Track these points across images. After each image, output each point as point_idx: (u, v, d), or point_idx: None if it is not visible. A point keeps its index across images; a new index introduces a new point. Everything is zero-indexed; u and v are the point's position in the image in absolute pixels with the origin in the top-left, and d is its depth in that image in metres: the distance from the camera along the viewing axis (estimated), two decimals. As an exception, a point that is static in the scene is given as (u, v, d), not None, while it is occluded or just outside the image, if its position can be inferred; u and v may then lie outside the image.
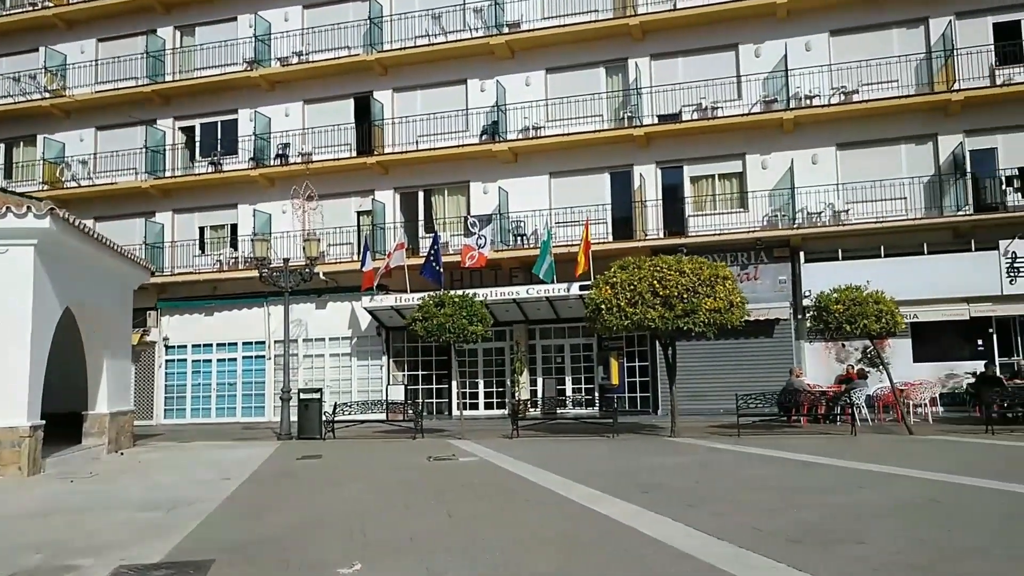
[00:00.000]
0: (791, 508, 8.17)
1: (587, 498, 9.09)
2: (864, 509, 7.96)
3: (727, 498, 8.94)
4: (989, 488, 8.93)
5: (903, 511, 7.90)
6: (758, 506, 8.36)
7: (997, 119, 21.54)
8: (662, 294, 16.04)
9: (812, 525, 7.30)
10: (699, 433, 17.26)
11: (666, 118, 23.74)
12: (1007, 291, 20.74)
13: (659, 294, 16.08)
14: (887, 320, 15.92)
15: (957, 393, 20.93)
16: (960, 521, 7.34)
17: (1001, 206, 21.23)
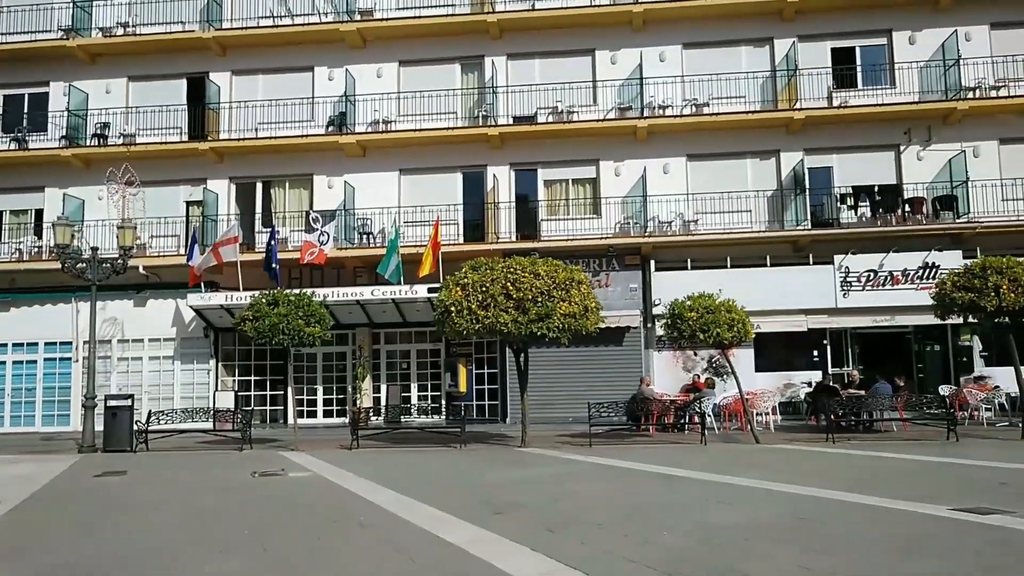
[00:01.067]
0: (661, 531, 7.20)
1: (432, 522, 7.78)
2: (738, 532, 7.09)
3: (590, 519, 7.87)
4: (853, 503, 8.35)
5: (779, 532, 7.10)
6: (626, 529, 7.33)
7: (833, 139, 22.11)
8: (516, 297, 14.99)
9: (689, 553, 6.32)
10: (550, 443, 16.33)
11: (521, 119, 22.88)
12: (841, 304, 21.23)
13: (512, 297, 15.02)
14: (739, 329, 15.61)
15: (794, 402, 21.20)
16: (843, 543, 6.58)
17: (836, 223, 21.76)
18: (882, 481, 10.16)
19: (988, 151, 21.70)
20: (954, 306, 15.45)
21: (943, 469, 11.31)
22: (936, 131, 21.78)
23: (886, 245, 21.17)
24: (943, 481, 10.07)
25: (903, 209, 21.45)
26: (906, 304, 20.83)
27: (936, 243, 21.08)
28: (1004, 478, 10.05)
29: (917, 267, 21.07)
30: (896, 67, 22.16)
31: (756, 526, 7.36)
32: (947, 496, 8.59)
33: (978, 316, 15.37)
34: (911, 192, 21.65)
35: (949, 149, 21.70)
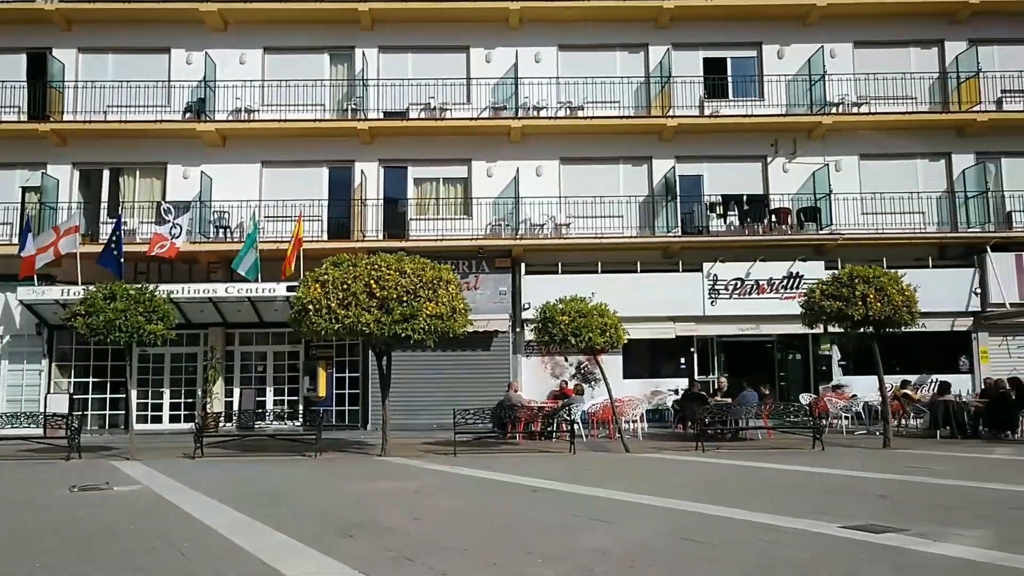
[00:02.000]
0: (538, 559, 6.07)
1: (270, 550, 6.36)
2: (622, 557, 6.05)
3: (454, 543, 6.66)
4: (740, 520, 7.53)
5: (667, 557, 6.11)
6: (495, 556, 6.17)
7: (704, 148, 21.93)
8: (379, 296, 13.65)
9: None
10: (412, 452, 15.04)
11: (392, 115, 21.53)
12: (709, 312, 20.99)
13: (376, 296, 13.67)
14: (611, 334, 14.86)
15: (661, 410, 20.77)
16: (743, 569, 5.67)
17: (706, 231, 21.56)
18: (762, 494, 9.47)
19: (849, 166, 22.07)
20: (822, 314, 15.24)
21: (818, 480, 10.80)
22: (801, 144, 21.98)
23: (753, 254, 21.11)
24: (822, 493, 9.47)
25: (769, 219, 21.48)
26: (771, 313, 20.81)
27: (800, 253, 21.20)
28: (880, 489, 9.55)
29: (782, 276, 21.11)
30: (765, 80, 22.26)
31: (640, 549, 6.34)
32: (832, 510, 7.92)
33: (845, 325, 15.22)
34: (777, 202, 21.73)
35: (813, 162, 21.94)
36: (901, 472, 11.24)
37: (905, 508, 8.16)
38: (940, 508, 8.15)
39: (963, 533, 6.71)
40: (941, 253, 21.87)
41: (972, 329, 21.66)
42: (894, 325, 15.06)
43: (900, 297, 14.87)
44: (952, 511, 7.93)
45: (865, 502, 8.61)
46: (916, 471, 11.36)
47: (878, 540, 6.48)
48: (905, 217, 21.80)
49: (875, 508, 8.12)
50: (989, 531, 6.83)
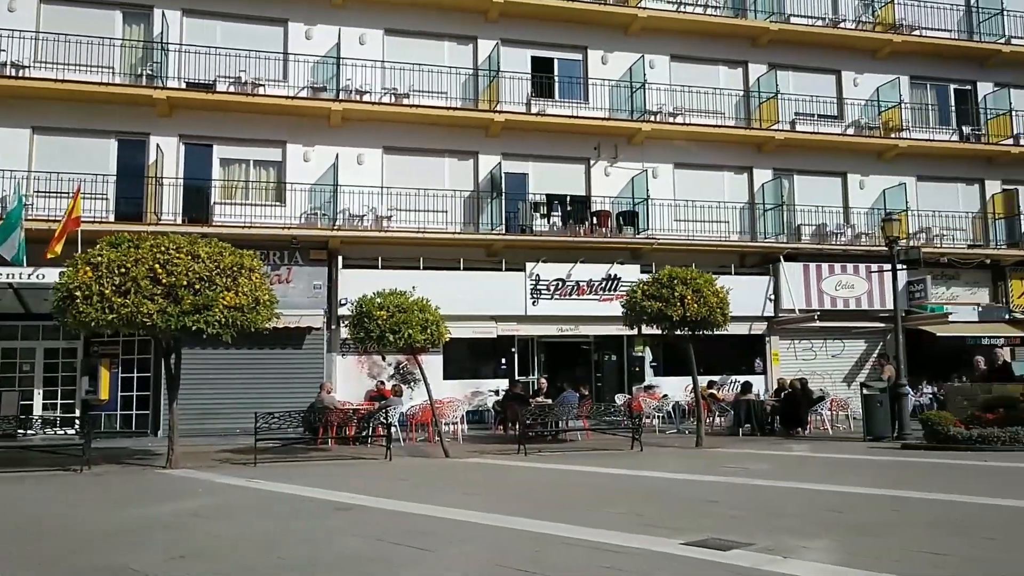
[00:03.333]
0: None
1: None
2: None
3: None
4: (579, 540, 6.53)
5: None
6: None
7: (530, 147, 21.24)
8: (166, 282, 11.55)
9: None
10: (205, 461, 13.01)
11: (197, 86, 19.09)
12: (531, 312, 20.30)
13: (162, 282, 11.57)
14: (433, 331, 13.62)
15: (481, 411, 19.84)
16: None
17: (529, 230, 20.87)
18: (592, 503, 8.57)
19: (665, 173, 22.23)
20: (644, 314, 14.85)
21: (647, 485, 10.13)
22: (622, 149, 21.87)
23: (574, 255, 20.69)
24: (654, 501, 8.74)
25: (591, 221, 21.16)
26: (590, 314, 20.48)
27: (619, 256, 21.05)
28: (709, 494, 8.99)
29: (601, 278, 20.84)
30: (590, 83, 21.95)
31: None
32: (668, 522, 7.13)
33: (664, 325, 14.92)
34: (598, 205, 21.46)
35: (633, 168, 21.88)
36: (721, 473, 10.85)
37: (739, 516, 7.54)
38: (773, 515, 7.61)
39: (808, 545, 6.09)
40: (742, 261, 22.54)
41: (766, 333, 22.49)
42: (709, 326, 14.95)
43: (715, 299, 14.78)
44: (785, 518, 7.39)
45: (698, 510, 7.93)
46: (734, 471, 11.03)
47: (727, 560, 5.69)
48: (712, 225, 22.27)
49: (710, 517, 7.44)
50: (832, 541, 6.28)
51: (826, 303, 22.26)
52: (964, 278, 23.85)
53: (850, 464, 12.20)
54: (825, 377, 22.29)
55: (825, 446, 14.95)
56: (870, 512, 7.71)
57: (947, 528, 6.79)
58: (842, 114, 23.89)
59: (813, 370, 22.15)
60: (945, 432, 13.76)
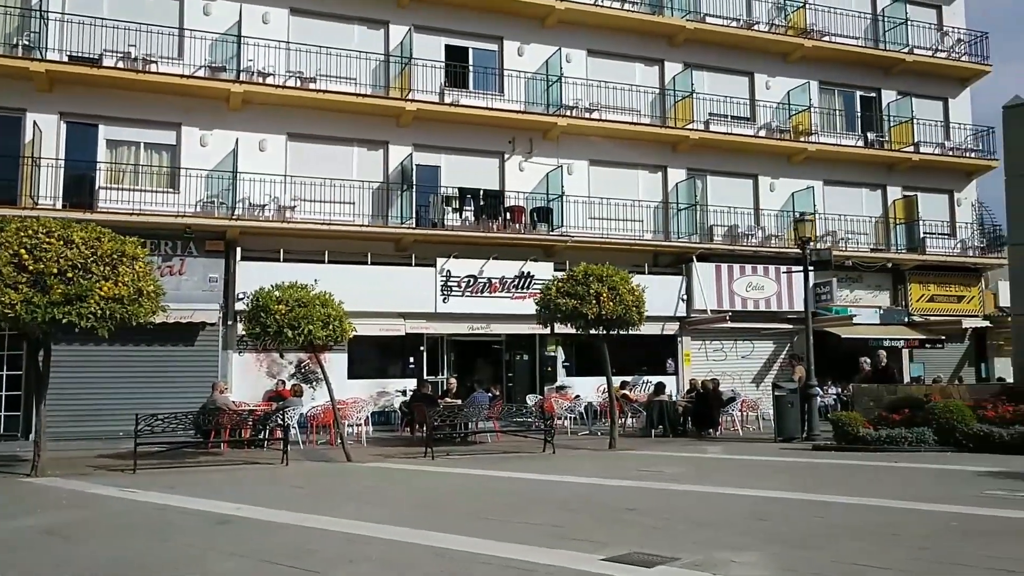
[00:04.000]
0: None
1: None
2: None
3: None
4: (491, 557, 5.92)
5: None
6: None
7: (443, 138, 20.55)
8: (33, 269, 10.34)
9: None
10: (79, 468, 11.78)
11: (80, 60, 17.56)
12: (441, 309, 19.60)
13: (29, 269, 10.34)
14: (335, 327, 12.76)
15: (388, 412, 19.03)
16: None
17: (441, 224, 20.15)
18: (504, 512, 7.97)
19: (580, 170, 21.92)
20: (558, 312, 14.38)
21: (561, 491, 9.60)
22: (537, 144, 21.41)
23: (487, 252, 20.10)
24: (570, 509, 8.20)
25: (504, 217, 20.62)
26: (502, 312, 19.95)
27: (532, 253, 20.58)
28: (626, 500, 8.52)
29: (514, 276, 20.33)
30: (505, 75, 21.41)
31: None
32: (586, 533, 6.59)
33: (578, 323, 14.50)
34: (512, 200, 20.94)
35: (548, 163, 21.48)
36: (637, 478, 10.45)
37: (661, 526, 7.09)
38: (696, 524, 7.20)
39: (738, 559, 5.66)
40: (655, 260, 22.46)
41: (678, 333, 22.47)
42: (624, 325, 14.62)
43: (631, 297, 14.46)
44: (709, 527, 6.98)
45: (618, 519, 7.44)
46: (650, 475, 10.66)
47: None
48: (626, 224, 22.09)
49: (631, 527, 6.96)
50: (762, 554, 5.86)
51: (737, 304, 22.42)
52: (867, 281, 24.48)
53: (765, 466, 12.03)
54: (735, 378, 22.43)
55: (738, 447, 14.84)
56: (794, 519, 7.39)
57: (876, 537, 6.50)
58: (754, 116, 24.14)
59: (723, 371, 22.26)
60: (855, 433, 13.83)
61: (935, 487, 9.36)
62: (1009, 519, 7.24)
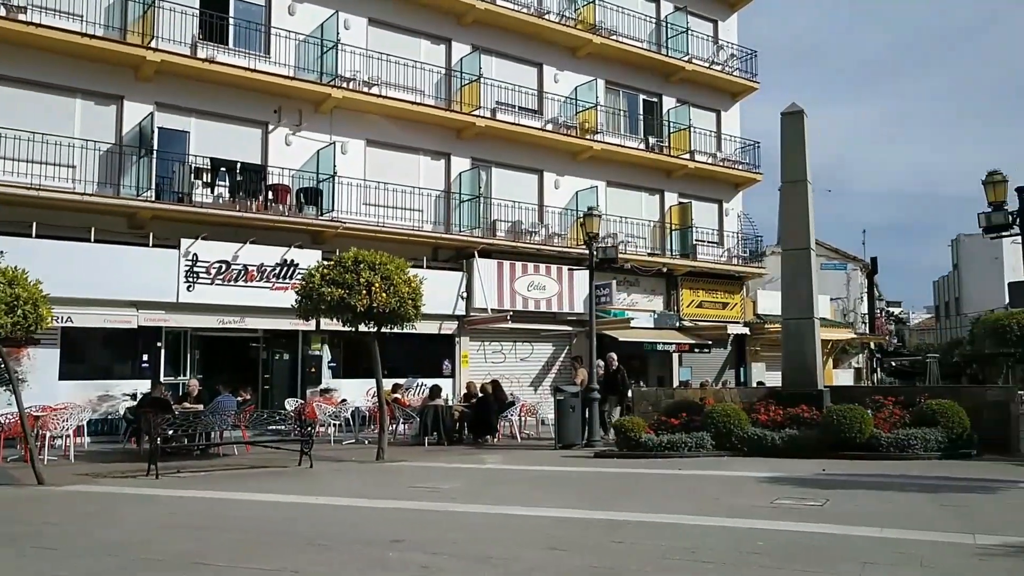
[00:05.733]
0: None
1: None
2: None
3: None
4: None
5: None
6: None
7: (194, 99, 17.99)
8: None
9: None
10: None
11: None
12: (184, 299, 17.05)
13: None
14: (26, 313, 10.18)
15: (112, 419, 16.24)
16: None
17: (187, 199, 17.59)
18: (232, 553, 6.25)
19: (356, 149, 20.24)
20: (321, 303, 12.69)
21: (312, 518, 8.02)
22: (308, 117, 19.44)
23: (244, 234, 17.83)
24: (320, 545, 6.66)
25: (266, 196, 18.47)
26: (259, 305, 17.76)
27: (297, 239, 18.59)
28: (393, 529, 7.14)
29: (275, 263, 18.21)
30: (272, 33, 19.22)
31: None
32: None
33: (345, 317, 12.91)
34: (276, 178, 18.82)
35: (319, 139, 19.59)
36: (408, 496, 9.15)
37: (434, 566, 5.81)
38: (476, 560, 6.02)
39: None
40: (435, 254, 21.35)
41: (457, 333, 21.54)
42: (399, 320, 13.27)
43: (407, 288, 13.13)
44: (492, 566, 5.80)
45: (378, 558, 6.04)
46: (423, 492, 9.40)
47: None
48: (405, 213, 20.78)
49: (394, 571, 5.61)
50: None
51: (518, 303, 21.87)
52: (643, 285, 25.04)
53: (550, 479, 11.19)
54: (514, 381, 21.85)
55: (518, 456, 14.03)
56: (592, 547, 6.41)
57: (686, 567, 5.65)
58: (542, 109, 23.82)
59: (502, 373, 21.58)
60: (637, 439, 13.51)
61: (728, 497, 8.93)
62: (811, 534, 6.77)
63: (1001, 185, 13.55)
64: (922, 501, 8.39)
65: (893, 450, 12.25)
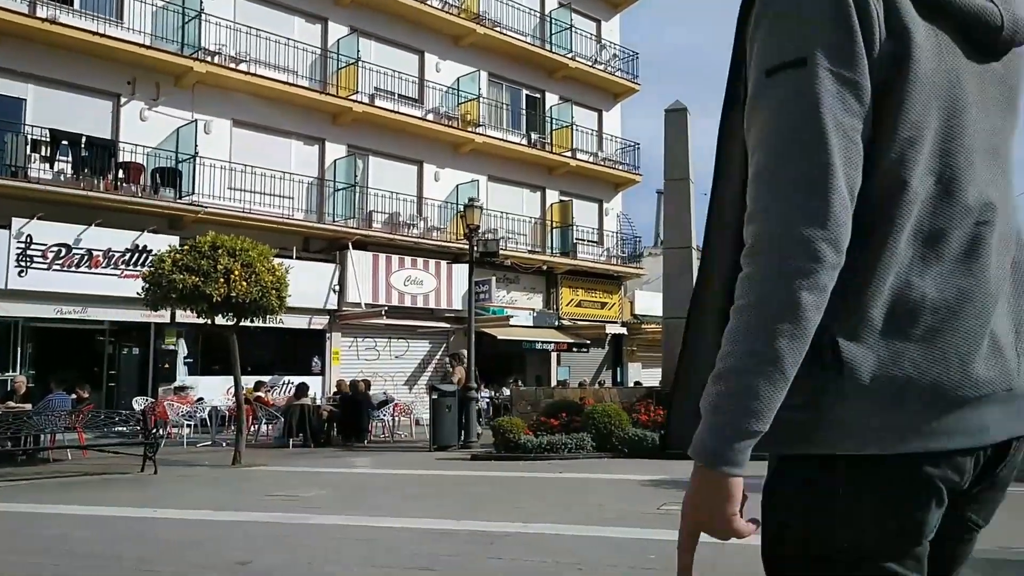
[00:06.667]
0: None
1: None
2: None
3: None
4: None
5: None
6: None
7: (32, 63, 16.11)
8: None
9: None
10: None
11: None
12: (15, 285, 15.19)
13: None
14: None
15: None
16: None
17: (22, 174, 15.67)
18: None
19: (220, 129, 18.75)
20: (172, 292, 11.38)
21: (145, 536, 6.90)
22: (167, 91, 17.86)
23: (89, 216, 16.11)
24: (147, 568, 5.63)
25: (116, 174, 16.77)
26: (106, 293, 16.12)
27: (152, 223, 16.99)
28: (240, 548, 6.15)
29: (125, 249, 16.58)
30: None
31: None
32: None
33: (200, 307, 11.66)
34: (129, 155, 17.14)
35: (179, 116, 18.03)
36: (263, 507, 8.14)
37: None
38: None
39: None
40: (306, 244, 20.14)
41: (328, 328, 20.41)
42: (261, 311, 12.12)
43: (270, 278, 12.02)
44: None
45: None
46: (282, 502, 8.41)
47: None
48: (275, 200, 19.46)
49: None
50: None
51: (394, 298, 20.95)
52: (523, 283, 24.61)
53: (424, 483, 10.39)
54: (387, 379, 20.92)
55: (390, 459, 13.15)
56: (469, 567, 5.68)
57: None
58: (423, 98, 22.96)
59: (375, 371, 20.65)
60: (516, 440, 12.92)
61: (613, 503, 8.42)
62: (701, 545, 6.28)
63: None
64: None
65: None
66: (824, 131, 1.04)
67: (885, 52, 1.07)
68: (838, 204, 1.04)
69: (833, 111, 1.05)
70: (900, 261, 1.10)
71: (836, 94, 1.05)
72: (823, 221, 1.03)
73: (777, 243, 1.05)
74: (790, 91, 1.06)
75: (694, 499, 1.15)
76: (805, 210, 1.04)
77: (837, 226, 1.04)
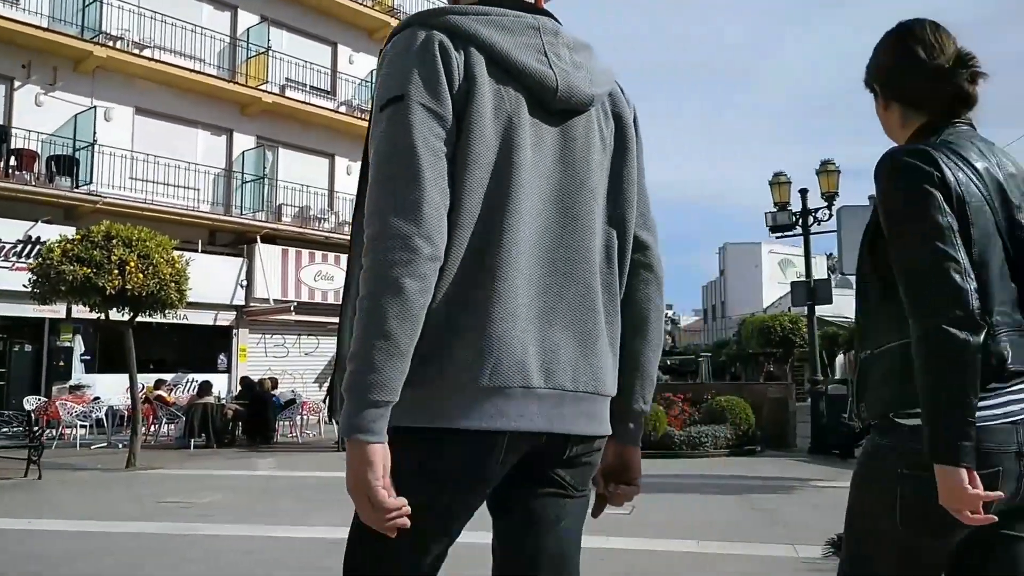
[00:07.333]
0: None
1: None
2: None
3: None
4: None
5: None
6: None
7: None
8: None
9: None
10: None
11: None
12: None
13: None
14: None
15: None
16: None
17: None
18: None
19: (123, 117, 17.88)
20: (61, 284, 10.72)
21: (15, 549, 6.45)
22: (64, 76, 16.91)
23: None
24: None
25: (8, 162, 15.77)
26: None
27: (46, 213, 16.07)
28: (119, 564, 5.82)
29: (16, 240, 15.62)
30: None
31: None
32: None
33: (92, 300, 11.04)
34: (22, 142, 16.15)
35: (78, 103, 17.09)
36: (150, 515, 7.72)
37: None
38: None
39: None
40: (212, 237, 19.45)
41: (235, 324, 19.77)
42: (159, 306, 11.57)
43: (169, 270, 11.48)
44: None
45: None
46: (171, 510, 8.00)
47: None
48: (180, 191, 18.70)
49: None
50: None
51: (304, 294, 20.43)
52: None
53: (328, 487, 10.05)
54: (296, 377, 20.40)
55: (296, 460, 12.78)
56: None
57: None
58: (335, 90, 22.45)
59: (284, 369, 20.12)
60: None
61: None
62: (622, 552, 6.26)
63: (785, 186, 14.07)
64: (731, 506, 8.14)
65: (686, 448, 12.21)
66: (415, 148, 1.28)
67: (462, 91, 1.34)
68: (428, 206, 1.26)
69: (423, 133, 1.30)
70: (453, 266, 1.33)
71: (424, 121, 1.30)
72: (416, 220, 1.25)
73: (381, 240, 1.25)
74: (393, 119, 1.31)
75: (347, 472, 1.28)
76: (401, 211, 1.25)
77: (428, 224, 1.26)
